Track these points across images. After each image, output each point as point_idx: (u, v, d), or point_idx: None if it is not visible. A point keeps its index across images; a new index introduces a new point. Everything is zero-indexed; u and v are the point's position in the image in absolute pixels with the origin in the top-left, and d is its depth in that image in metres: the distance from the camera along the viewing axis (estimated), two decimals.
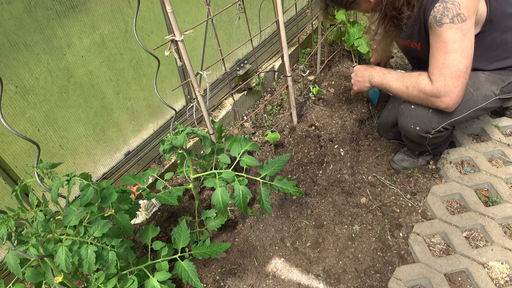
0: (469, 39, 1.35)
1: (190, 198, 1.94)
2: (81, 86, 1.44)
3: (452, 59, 1.36)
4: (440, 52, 1.38)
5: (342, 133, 2.20)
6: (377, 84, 1.68)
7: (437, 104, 1.46)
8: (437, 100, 1.45)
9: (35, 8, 1.20)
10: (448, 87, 1.39)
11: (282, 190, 1.44)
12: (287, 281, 1.58)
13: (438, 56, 1.39)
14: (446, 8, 1.32)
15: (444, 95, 1.41)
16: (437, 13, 1.33)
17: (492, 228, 1.64)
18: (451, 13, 1.32)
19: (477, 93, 1.57)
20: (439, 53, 1.38)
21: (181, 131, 1.27)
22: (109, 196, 1.15)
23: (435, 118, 1.55)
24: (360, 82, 1.78)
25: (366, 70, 1.74)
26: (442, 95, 1.42)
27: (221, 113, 2.23)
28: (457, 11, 1.31)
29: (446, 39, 1.35)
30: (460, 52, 1.35)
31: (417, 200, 1.82)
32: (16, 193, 1.07)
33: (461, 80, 1.38)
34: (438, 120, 1.56)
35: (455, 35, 1.33)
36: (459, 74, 1.37)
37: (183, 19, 1.76)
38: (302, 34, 2.82)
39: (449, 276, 1.53)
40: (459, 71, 1.37)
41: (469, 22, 1.33)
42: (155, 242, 1.42)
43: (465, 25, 1.33)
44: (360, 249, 1.66)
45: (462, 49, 1.35)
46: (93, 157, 1.63)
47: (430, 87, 1.43)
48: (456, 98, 1.42)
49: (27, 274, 1.10)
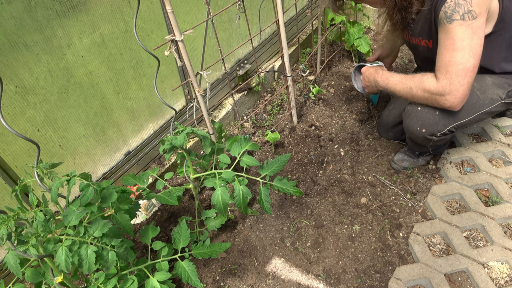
0: (479, 37, 1.32)
1: (190, 198, 1.94)
2: (81, 86, 1.44)
3: (460, 57, 1.33)
4: (447, 49, 1.35)
5: (342, 133, 2.20)
6: (382, 88, 1.67)
7: (441, 102, 1.44)
8: (442, 99, 1.42)
9: (35, 8, 1.20)
10: (453, 85, 1.37)
11: (282, 190, 1.44)
12: (287, 281, 1.58)
13: (446, 53, 1.36)
14: (458, 4, 1.29)
15: (449, 93, 1.39)
16: (448, 9, 1.30)
17: (492, 228, 1.64)
18: (462, 10, 1.28)
19: (484, 96, 1.55)
20: (446, 50, 1.36)
21: (181, 131, 1.27)
22: (109, 196, 1.15)
23: (441, 120, 1.54)
24: (369, 86, 1.78)
25: (371, 75, 1.72)
26: (447, 93, 1.39)
27: (221, 113, 2.23)
28: (468, 7, 1.28)
29: (455, 36, 1.32)
30: (469, 50, 1.32)
31: (417, 200, 1.82)
32: (16, 193, 1.07)
33: (467, 79, 1.36)
34: (444, 123, 1.55)
35: (465, 32, 1.30)
36: (465, 72, 1.34)
37: (183, 19, 1.76)
38: (302, 34, 2.82)
39: (449, 276, 1.53)
40: (465, 69, 1.34)
41: (480, 19, 1.30)
42: (155, 242, 1.42)
43: (475, 22, 1.29)
44: (360, 249, 1.66)
45: (471, 47, 1.32)
46: (93, 157, 1.63)
47: (435, 85, 1.41)
48: (461, 97, 1.39)
49: (27, 274, 1.10)
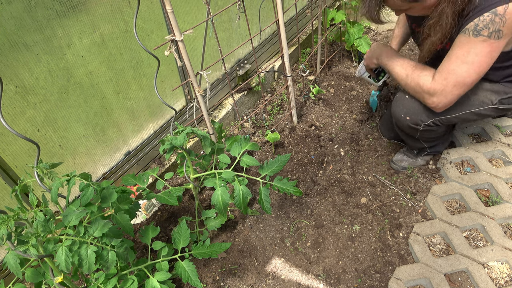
0: (492, 57, 1.31)
1: (190, 198, 1.93)
2: (81, 86, 1.44)
3: (464, 70, 1.33)
4: (457, 58, 1.34)
5: (342, 133, 2.20)
6: (382, 63, 1.66)
7: (427, 101, 1.48)
8: (429, 97, 1.46)
9: (35, 8, 1.19)
10: (445, 92, 1.40)
11: (282, 190, 1.44)
12: (287, 281, 1.58)
13: (453, 61, 1.35)
14: (493, 21, 1.24)
15: (438, 96, 1.42)
16: (481, 23, 1.25)
17: (492, 228, 1.64)
18: (493, 27, 1.24)
19: (474, 97, 1.56)
20: (455, 59, 1.34)
21: (181, 131, 1.27)
22: (109, 196, 1.14)
23: (425, 111, 1.57)
24: (369, 57, 1.77)
25: (379, 47, 1.71)
26: (436, 95, 1.43)
27: (221, 113, 2.23)
28: (500, 27, 1.24)
29: (471, 50, 1.30)
30: (476, 66, 1.31)
31: (417, 200, 1.82)
32: (16, 193, 1.07)
33: (460, 91, 1.39)
34: (428, 114, 1.58)
35: (483, 49, 1.28)
36: (462, 86, 1.37)
37: (183, 19, 1.76)
38: (302, 34, 2.82)
39: (449, 276, 1.53)
40: (463, 83, 1.36)
41: (503, 41, 1.27)
42: (155, 242, 1.42)
43: (497, 43, 1.27)
44: (360, 249, 1.66)
45: (479, 65, 1.31)
46: (93, 157, 1.63)
47: (429, 84, 1.43)
48: (446, 104, 1.44)
49: (27, 274, 1.10)
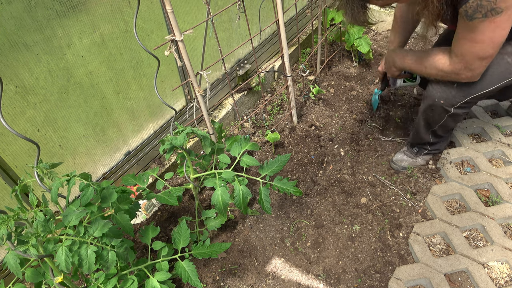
0: (502, 28, 1.25)
1: (190, 198, 1.93)
2: (81, 86, 1.44)
3: (478, 48, 1.30)
4: (467, 39, 1.31)
5: (342, 133, 2.20)
6: (400, 67, 1.69)
7: (458, 79, 1.44)
8: (458, 76, 1.43)
9: (35, 8, 1.19)
10: (468, 67, 1.37)
11: (282, 190, 1.44)
12: (287, 281, 1.58)
13: (464, 43, 1.33)
14: (480, 5, 1.21)
15: (465, 72, 1.39)
16: (469, 9, 1.24)
17: (492, 228, 1.64)
18: (485, 9, 1.22)
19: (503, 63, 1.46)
20: (465, 41, 1.32)
21: (181, 131, 1.27)
22: (109, 196, 1.15)
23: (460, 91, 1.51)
24: (388, 69, 1.79)
25: (389, 56, 1.75)
26: (462, 72, 1.40)
27: (221, 113, 2.23)
28: (492, 6, 1.20)
29: (476, 30, 1.27)
30: (489, 42, 1.28)
31: (417, 200, 1.82)
32: (16, 193, 1.07)
33: (484, 63, 1.35)
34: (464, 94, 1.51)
35: (487, 27, 1.25)
36: (482, 59, 1.33)
37: (183, 19, 1.76)
38: (302, 34, 2.82)
39: (449, 276, 1.53)
40: (483, 57, 1.32)
41: (506, 12, 1.22)
42: (155, 242, 1.42)
43: (499, 17, 1.22)
44: (360, 249, 1.66)
45: (491, 40, 1.28)
46: (93, 157, 1.63)
47: (448, 66, 1.41)
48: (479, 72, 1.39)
49: (27, 274, 1.10)
